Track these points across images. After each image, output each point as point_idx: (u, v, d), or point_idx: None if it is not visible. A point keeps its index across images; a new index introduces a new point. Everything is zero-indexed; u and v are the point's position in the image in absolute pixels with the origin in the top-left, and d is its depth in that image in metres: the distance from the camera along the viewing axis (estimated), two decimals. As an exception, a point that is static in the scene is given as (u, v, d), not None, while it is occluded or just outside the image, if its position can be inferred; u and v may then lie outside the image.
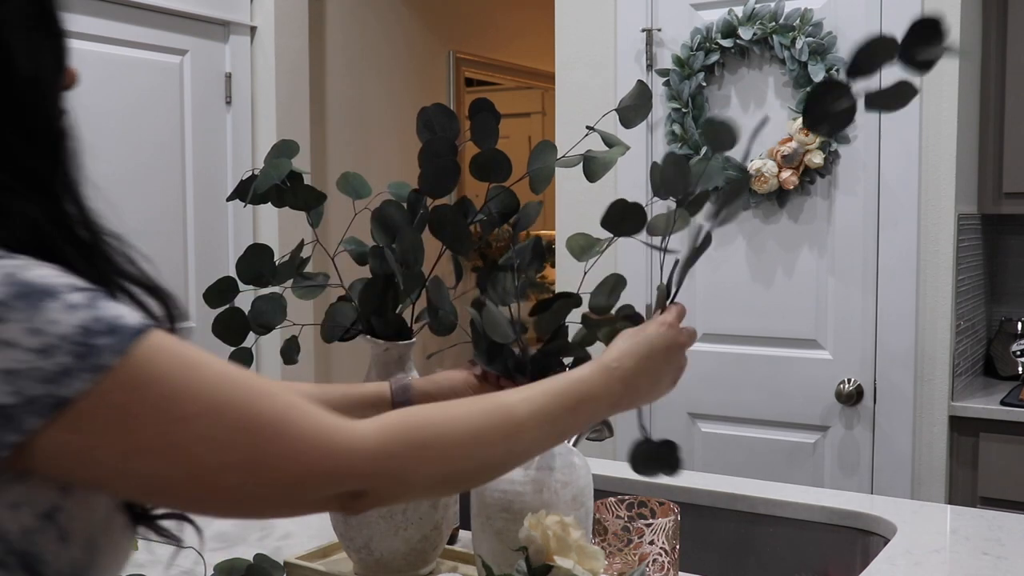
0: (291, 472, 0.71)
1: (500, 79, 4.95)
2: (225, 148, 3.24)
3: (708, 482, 1.82)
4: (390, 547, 1.28)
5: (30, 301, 0.64)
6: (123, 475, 0.67)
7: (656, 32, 2.84)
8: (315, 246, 1.33)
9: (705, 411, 2.85)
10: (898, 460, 2.62)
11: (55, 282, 0.65)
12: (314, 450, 0.71)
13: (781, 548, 1.70)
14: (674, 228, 1.10)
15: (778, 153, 2.65)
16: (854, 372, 2.66)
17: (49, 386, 0.63)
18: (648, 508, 1.30)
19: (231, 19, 3.22)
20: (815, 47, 2.59)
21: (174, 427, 0.67)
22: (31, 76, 0.71)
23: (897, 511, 1.65)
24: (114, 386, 0.65)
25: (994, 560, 1.44)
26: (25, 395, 0.63)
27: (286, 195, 1.29)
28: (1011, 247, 3.09)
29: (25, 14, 0.71)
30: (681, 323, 1.06)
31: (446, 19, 4.33)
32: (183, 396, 0.67)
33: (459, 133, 1.21)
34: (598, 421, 1.06)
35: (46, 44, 0.73)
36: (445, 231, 1.19)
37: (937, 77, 2.54)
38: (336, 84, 3.73)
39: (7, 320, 0.63)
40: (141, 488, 0.69)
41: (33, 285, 0.64)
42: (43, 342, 0.63)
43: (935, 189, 2.57)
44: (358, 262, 1.32)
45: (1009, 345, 2.93)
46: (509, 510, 1.16)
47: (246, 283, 1.29)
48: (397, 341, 1.28)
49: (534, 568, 1.03)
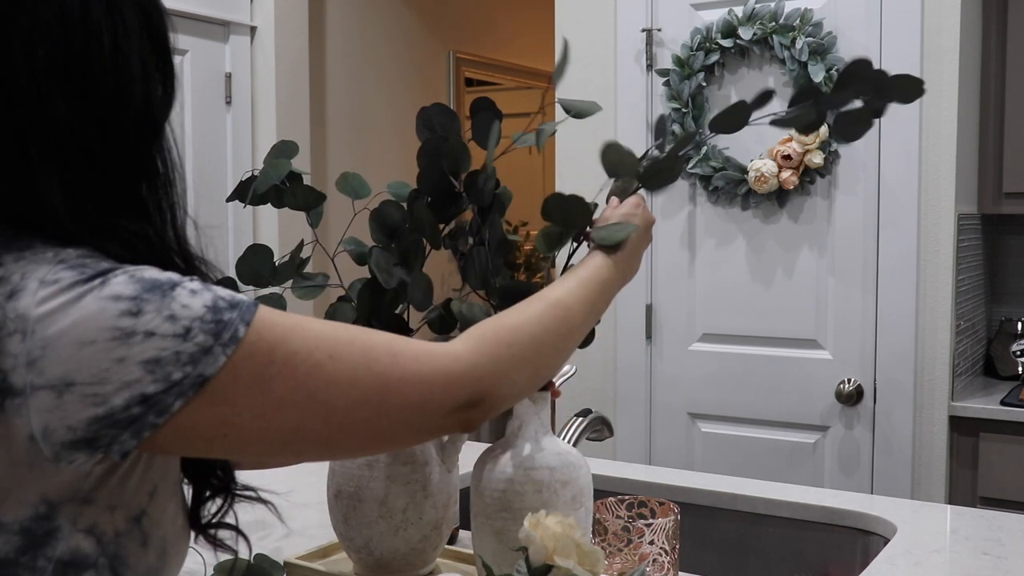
0: (415, 393, 0.77)
1: (500, 79, 4.95)
2: (225, 148, 3.24)
3: (708, 482, 1.82)
4: (390, 547, 1.28)
5: (159, 292, 0.69)
6: (263, 433, 0.73)
7: (656, 32, 2.84)
8: (315, 246, 1.33)
9: (705, 411, 2.85)
10: (898, 460, 2.62)
11: (173, 275, 0.71)
12: (428, 368, 0.78)
13: (781, 548, 1.70)
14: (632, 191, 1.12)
15: (778, 153, 2.65)
16: (854, 372, 2.66)
17: (190, 367, 0.68)
18: (648, 508, 1.30)
19: (231, 19, 3.22)
20: (815, 47, 2.59)
21: (305, 378, 0.73)
22: (145, 112, 0.77)
23: (897, 511, 1.65)
24: (247, 354, 0.71)
25: (994, 560, 1.44)
26: (170, 380, 0.68)
27: (286, 195, 1.29)
28: (1011, 247, 3.09)
29: (143, 53, 0.76)
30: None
31: (446, 19, 4.33)
32: (305, 350, 0.73)
33: (459, 133, 1.21)
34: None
35: (158, 79, 0.79)
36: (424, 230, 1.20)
37: (937, 77, 2.54)
38: (336, 84, 3.73)
39: (143, 312, 0.68)
40: (280, 442, 0.74)
41: (157, 279, 0.70)
42: (181, 326, 0.69)
43: (935, 189, 2.57)
44: (358, 262, 1.32)
45: (1009, 345, 2.93)
46: (509, 510, 1.16)
47: (246, 283, 1.28)
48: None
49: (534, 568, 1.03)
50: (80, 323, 0.67)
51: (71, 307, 0.67)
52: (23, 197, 0.72)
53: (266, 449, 0.75)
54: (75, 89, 0.72)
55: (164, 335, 0.68)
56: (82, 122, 0.73)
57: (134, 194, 0.76)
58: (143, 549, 0.74)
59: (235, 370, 0.70)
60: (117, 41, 0.74)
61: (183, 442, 0.71)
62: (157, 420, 0.68)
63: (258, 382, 0.71)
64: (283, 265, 1.30)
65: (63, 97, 0.72)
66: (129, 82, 0.75)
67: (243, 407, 0.71)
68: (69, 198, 0.72)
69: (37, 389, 0.66)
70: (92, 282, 0.68)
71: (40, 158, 0.71)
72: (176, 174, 0.80)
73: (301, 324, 0.75)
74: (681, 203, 2.85)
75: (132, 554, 0.73)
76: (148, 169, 0.77)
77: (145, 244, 0.75)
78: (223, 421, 0.71)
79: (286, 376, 0.72)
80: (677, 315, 2.87)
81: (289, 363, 0.72)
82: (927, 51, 2.55)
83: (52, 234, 0.72)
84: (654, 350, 2.90)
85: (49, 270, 0.69)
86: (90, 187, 0.73)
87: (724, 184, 2.74)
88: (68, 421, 0.67)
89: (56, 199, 0.71)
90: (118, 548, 0.72)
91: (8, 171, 0.72)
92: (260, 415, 0.72)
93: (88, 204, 0.73)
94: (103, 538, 0.72)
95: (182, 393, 0.68)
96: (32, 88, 0.71)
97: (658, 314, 2.90)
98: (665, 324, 2.89)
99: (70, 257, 0.70)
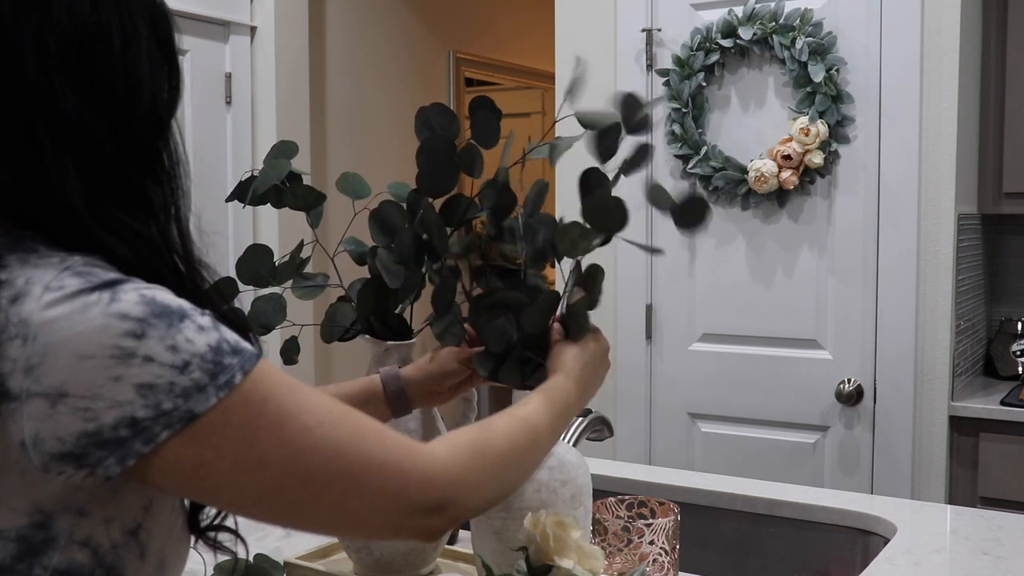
0: (393, 480, 0.76)
1: (500, 79, 4.95)
2: (225, 148, 3.24)
3: (708, 482, 1.82)
4: (390, 547, 1.28)
5: (167, 320, 0.69)
6: (240, 485, 0.72)
7: (656, 32, 2.84)
8: (315, 246, 1.33)
9: (705, 411, 2.85)
10: (898, 460, 2.62)
11: (184, 304, 0.71)
12: (410, 460, 0.78)
13: (781, 548, 1.70)
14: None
15: (778, 153, 2.65)
16: (854, 372, 2.66)
17: (182, 400, 0.68)
18: (648, 508, 1.30)
19: (231, 19, 3.22)
20: (815, 47, 2.59)
21: (292, 438, 0.72)
22: (152, 110, 0.77)
23: (897, 511, 1.65)
24: (239, 402, 0.71)
25: (994, 560, 1.44)
26: (160, 408, 0.68)
27: (286, 195, 1.29)
28: (1011, 247, 3.08)
29: (151, 54, 0.77)
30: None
31: (446, 19, 4.33)
32: (297, 411, 0.73)
33: (458, 132, 1.20)
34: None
35: (165, 78, 0.79)
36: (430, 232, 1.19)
37: (937, 77, 2.54)
38: (336, 84, 3.73)
39: (147, 336, 0.68)
40: (254, 497, 0.73)
41: (168, 306, 0.70)
42: (181, 359, 0.69)
43: (935, 189, 2.57)
44: (358, 262, 1.32)
45: (1009, 345, 2.93)
46: (509, 510, 1.16)
47: (246, 283, 1.28)
48: (397, 341, 1.28)
49: (534, 568, 1.03)
50: (82, 335, 0.66)
51: (76, 317, 0.67)
52: (34, 189, 0.72)
53: (239, 502, 0.74)
54: (85, 84, 0.73)
55: (163, 363, 0.68)
56: (92, 116, 0.73)
57: (140, 191, 0.76)
58: (140, 561, 0.74)
59: (225, 414, 0.70)
60: (126, 39, 0.75)
61: (163, 477, 0.70)
62: (143, 448, 0.68)
63: (245, 432, 0.71)
64: (283, 265, 1.30)
65: (73, 91, 0.72)
66: (137, 80, 0.76)
67: (227, 453, 0.70)
68: (85, 191, 0.72)
69: (32, 396, 0.66)
70: (99, 292, 0.68)
71: (53, 150, 0.72)
72: (182, 172, 0.80)
73: (299, 388, 0.75)
74: (681, 203, 2.84)
75: (129, 566, 0.74)
76: (155, 166, 0.78)
77: (148, 246, 0.75)
78: (204, 463, 0.70)
79: (273, 432, 0.72)
80: (677, 315, 2.87)
81: (278, 420, 0.72)
82: (927, 51, 2.55)
83: (59, 231, 0.72)
84: (654, 350, 2.90)
85: (55, 276, 0.69)
86: (100, 181, 0.73)
87: (724, 184, 2.74)
88: (58, 432, 0.67)
89: (72, 190, 0.72)
90: (115, 560, 0.73)
91: (19, 163, 0.72)
92: (241, 465, 0.71)
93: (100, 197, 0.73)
94: (99, 550, 0.72)
95: (170, 424, 0.68)
96: (43, 80, 0.72)
97: (658, 314, 2.90)
98: (665, 324, 2.89)
99: (76, 264, 0.70)
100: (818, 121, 2.60)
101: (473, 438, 0.86)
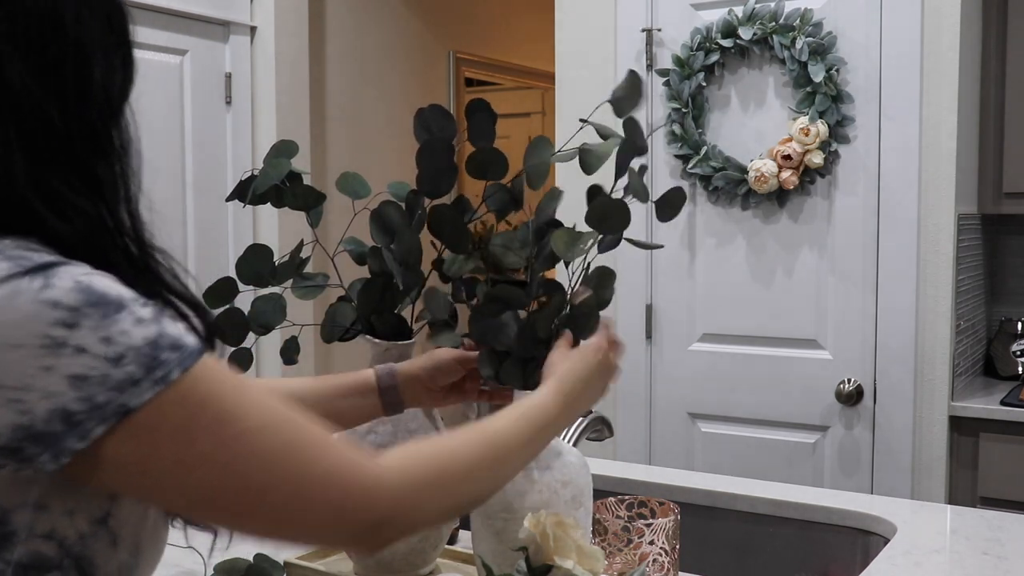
0: (333, 492, 0.74)
1: (500, 79, 4.95)
2: (225, 148, 3.24)
3: (708, 482, 1.82)
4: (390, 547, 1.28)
5: (103, 311, 0.66)
6: (176, 487, 0.70)
7: (656, 32, 2.84)
8: (315, 246, 1.33)
9: (705, 411, 2.85)
10: (898, 460, 2.62)
11: (124, 294, 0.68)
12: (351, 472, 0.75)
13: (781, 548, 1.70)
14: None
15: (778, 153, 2.65)
16: (854, 372, 2.66)
17: (116, 394, 0.66)
18: (648, 508, 1.30)
19: (231, 19, 3.22)
20: (815, 47, 2.59)
21: (230, 442, 0.70)
22: (104, 92, 0.75)
23: (897, 511, 1.65)
24: (176, 399, 0.68)
25: (994, 560, 1.43)
26: (93, 402, 0.65)
27: (285, 195, 1.29)
28: (1011, 247, 3.08)
29: (102, 34, 0.76)
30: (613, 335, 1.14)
31: (446, 19, 4.33)
32: (238, 414, 0.71)
33: (456, 133, 1.21)
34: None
35: (118, 62, 0.78)
36: (444, 230, 1.19)
37: (937, 77, 2.54)
38: (336, 84, 3.73)
39: (80, 326, 0.65)
40: (191, 500, 0.71)
41: (105, 295, 0.67)
42: (114, 351, 0.66)
43: (935, 189, 2.57)
44: (358, 262, 1.32)
45: (1009, 345, 2.93)
46: (509, 510, 1.16)
47: (246, 283, 1.28)
48: (397, 341, 1.28)
49: (534, 568, 1.03)
50: (10, 325, 0.64)
51: (4, 304, 0.64)
52: None
53: (182, 503, 0.72)
54: (34, 56, 0.71)
55: (95, 355, 0.65)
56: (41, 89, 0.71)
57: (89, 170, 0.74)
58: (112, 549, 0.73)
59: (161, 410, 0.67)
60: (79, 14, 0.74)
61: (106, 475, 0.68)
62: (77, 444, 0.66)
63: (182, 431, 0.68)
64: (283, 265, 1.30)
65: (22, 61, 0.70)
66: (88, 60, 0.74)
67: (165, 452, 0.68)
68: (28, 164, 0.70)
69: None
70: (30, 277, 0.65)
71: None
72: (133, 152, 0.78)
73: (243, 388, 0.72)
74: (681, 203, 2.84)
75: (100, 554, 0.72)
76: (105, 146, 0.75)
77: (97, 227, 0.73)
78: (143, 460, 0.68)
79: (212, 433, 0.69)
80: (677, 315, 2.87)
81: (217, 421, 0.69)
82: (927, 51, 2.55)
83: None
84: (654, 350, 2.90)
85: None
86: (45, 156, 0.71)
87: (724, 184, 2.74)
88: None
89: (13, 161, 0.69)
90: (84, 549, 0.71)
91: None
92: (180, 464, 0.69)
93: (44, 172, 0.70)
94: (65, 542, 0.70)
95: (104, 419, 0.66)
96: None
97: (658, 314, 2.90)
98: (665, 324, 2.89)
99: (7, 247, 0.67)
100: (818, 121, 2.60)
101: (436, 451, 0.85)
